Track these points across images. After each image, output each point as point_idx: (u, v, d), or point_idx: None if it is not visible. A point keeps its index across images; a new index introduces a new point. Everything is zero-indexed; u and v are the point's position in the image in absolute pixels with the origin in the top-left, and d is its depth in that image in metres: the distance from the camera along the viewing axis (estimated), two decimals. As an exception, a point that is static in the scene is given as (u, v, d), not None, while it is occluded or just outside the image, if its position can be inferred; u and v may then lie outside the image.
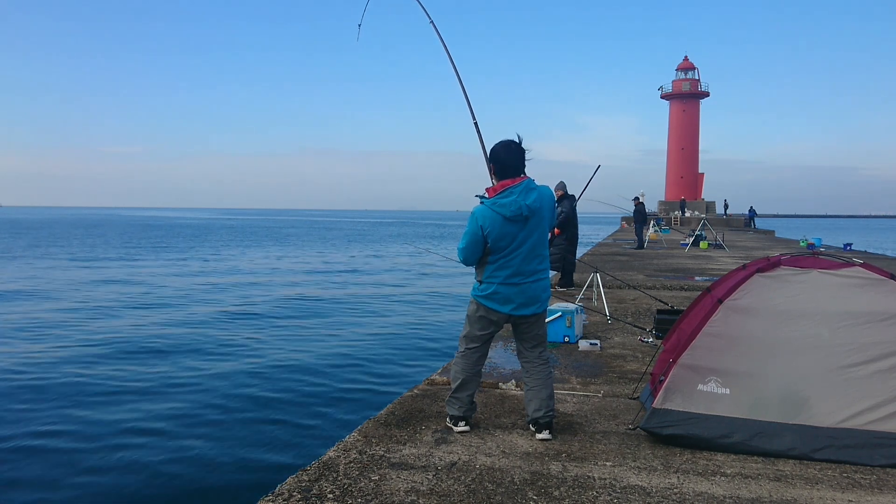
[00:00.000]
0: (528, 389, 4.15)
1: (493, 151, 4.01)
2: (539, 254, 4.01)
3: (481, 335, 4.12)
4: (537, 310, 4.06)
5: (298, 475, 3.47)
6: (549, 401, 4.09)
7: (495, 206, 3.87)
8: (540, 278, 4.04)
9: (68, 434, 7.25)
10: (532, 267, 3.98)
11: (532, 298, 4.00)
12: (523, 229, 3.90)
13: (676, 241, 29.00)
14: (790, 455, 3.70)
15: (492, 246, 3.93)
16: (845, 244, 27.00)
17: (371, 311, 16.49)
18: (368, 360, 10.96)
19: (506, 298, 3.98)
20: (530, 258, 3.96)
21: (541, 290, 4.05)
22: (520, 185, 3.89)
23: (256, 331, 13.49)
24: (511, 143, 3.98)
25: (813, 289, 4.02)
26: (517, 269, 3.94)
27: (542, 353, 4.19)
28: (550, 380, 4.15)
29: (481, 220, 3.88)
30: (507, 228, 3.87)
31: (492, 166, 4.04)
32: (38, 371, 9.94)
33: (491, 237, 3.88)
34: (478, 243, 3.92)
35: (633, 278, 13.28)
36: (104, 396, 8.63)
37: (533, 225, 3.92)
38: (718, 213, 58.68)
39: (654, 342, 6.84)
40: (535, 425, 4.11)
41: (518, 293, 3.97)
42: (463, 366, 4.14)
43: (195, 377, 9.68)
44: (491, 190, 3.97)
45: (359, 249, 43.23)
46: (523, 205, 3.84)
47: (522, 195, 3.86)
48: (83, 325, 13.91)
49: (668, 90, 62.80)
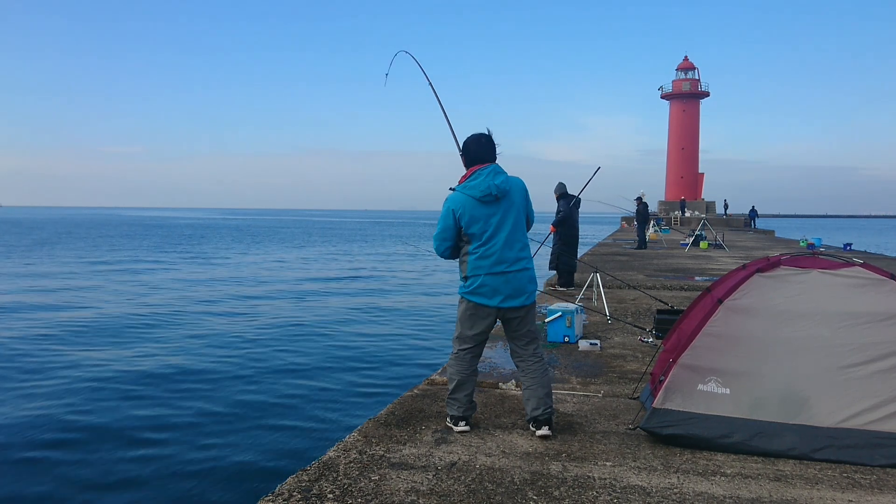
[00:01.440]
0: (526, 388, 4.15)
1: (464, 143, 4.16)
2: (519, 240, 4.06)
3: (473, 335, 4.12)
4: (525, 301, 4.08)
5: (298, 475, 3.47)
6: (548, 398, 4.10)
7: (465, 189, 4.00)
8: (525, 267, 4.08)
9: (69, 434, 7.25)
10: (514, 254, 4.02)
11: (518, 289, 4.03)
12: (496, 212, 3.98)
13: (676, 241, 29.01)
14: (790, 455, 3.70)
15: (466, 231, 4.00)
16: (845, 244, 26.99)
17: (371, 311, 16.50)
18: (368, 360, 10.97)
19: (493, 290, 4.00)
20: (511, 244, 4.01)
21: (527, 280, 4.08)
22: (487, 167, 4.03)
23: (256, 331, 13.49)
24: (481, 136, 4.12)
25: (813, 289, 4.02)
26: (499, 256, 3.98)
27: (537, 350, 4.20)
28: (547, 377, 4.15)
29: (453, 205, 4.01)
30: (479, 211, 3.96)
31: (464, 157, 4.19)
32: (36, 373, 9.94)
33: (464, 220, 3.98)
34: (449, 229, 4.03)
35: (633, 278, 13.28)
36: (105, 396, 8.64)
37: (505, 206, 4.01)
38: (718, 213, 58.66)
39: (654, 342, 6.84)
40: (534, 423, 4.11)
41: (504, 283, 3.99)
42: (457, 368, 4.16)
43: (195, 378, 9.69)
44: (462, 178, 4.10)
45: (359, 249, 43.24)
46: (492, 184, 3.95)
47: (490, 176, 3.98)
48: (83, 325, 13.92)
49: (668, 90, 62.78)
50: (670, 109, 63.24)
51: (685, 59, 63.17)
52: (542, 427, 4.06)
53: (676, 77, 63.04)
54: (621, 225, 53.03)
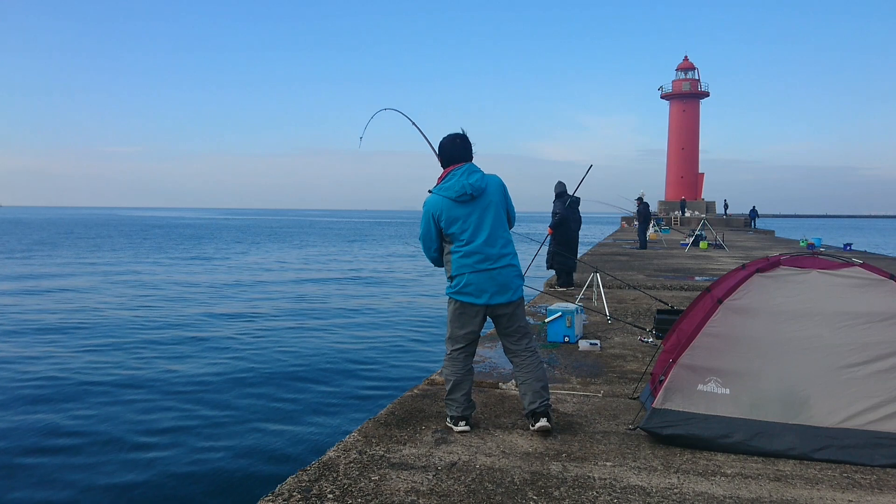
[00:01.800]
0: (521, 383, 4.16)
1: (439, 144, 4.19)
2: (501, 236, 4.07)
3: (463, 334, 4.13)
4: (512, 297, 4.09)
5: (298, 475, 3.47)
6: (544, 391, 4.11)
7: (441, 191, 4.04)
8: (509, 263, 4.09)
9: (69, 434, 7.25)
10: (497, 251, 4.03)
11: (504, 286, 4.04)
12: (473, 211, 4.00)
13: (676, 241, 29.01)
14: (790, 455, 3.70)
15: (446, 231, 4.03)
16: (845, 244, 26.98)
17: (371, 311, 16.50)
18: (368, 360, 10.97)
19: (479, 289, 4.02)
20: (492, 241, 4.02)
21: (512, 275, 4.09)
22: (461, 167, 4.06)
23: (256, 331, 13.49)
24: (456, 136, 4.15)
25: (813, 289, 4.02)
26: (483, 253, 4.00)
27: (529, 344, 4.21)
28: (542, 370, 4.16)
29: (431, 208, 4.06)
30: (457, 211, 3.99)
31: (440, 158, 4.21)
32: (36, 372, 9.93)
33: (443, 221, 4.02)
34: (431, 232, 4.09)
35: (633, 278, 13.28)
36: (104, 397, 8.64)
37: (483, 205, 4.02)
38: (718, 213, 58.66)
39: (654, 342, 6.84)
40: (532, 416, 4.11)
41: (489, 280, 4.01)
42: (452, 369, 4.17)
43: (195, 378, 9.68)
44: (438, 179, 4.13)
45: (358, 249, 43.23)
46: (466, 184, 3.98)
47: (464, 176, 4.01)
48: (82, 326, 13.91)
49: (668, 90, 62.78)
50: (670, 109, 63.24)
51: (685, 59, 63.19)
52: (540, 419, 4.05)
53: (676, 77, 63.05)
54: (621, 225, 53.01)
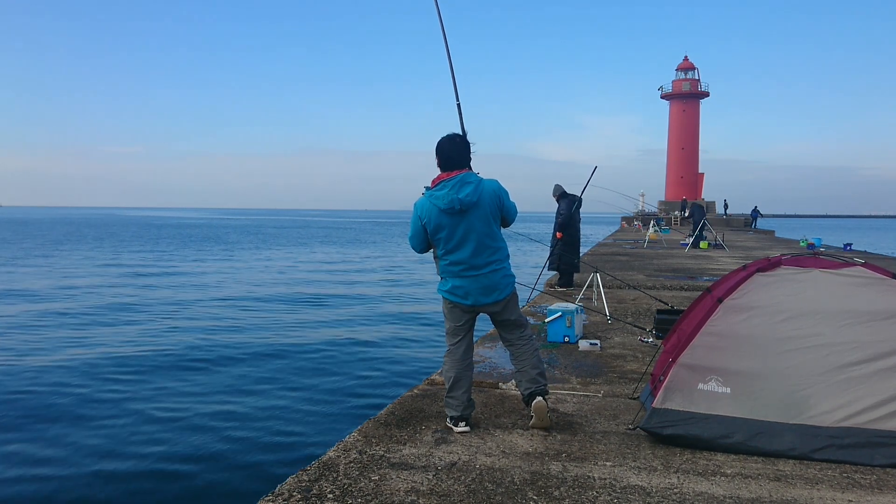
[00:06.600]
0: (517, 371, 4.20)
1: (438, 144, 4.10)
2: (489, 246, 4.04)
3: (458, 326, 4.18)
4: (499, 297, 4.09)
5: (298, 475, 3.47)
6: (540, 378, 4.13)
7: (432, 198, 4.01)
8: (495, 269, 4.07)
9: (70, 434, 7.25)
10: (483, 260, 4.02)
11: (489, 288, 4.05)
12: (461, 222, 3.96)
13: (676, 241, 28.99)
14: (790, 455, 3.69)
15: (433, 237, 4.04)
16: (845, 244, 26.95)
17: (371, 311, 16.50)
18: (368, 360, 10.97)
19: (464, 292, 4.05)
20: (480, 251, 4.00)
21: (499, 277, 4.08)
22: (454, 178, 3.97)
23: (256, 331, 13.49)
24: (455, 137, 4.09)
25: (814, 288, 4.02)
26: (468, 263, 4.00)
27: (524, 333, 4.24)
28: (537, 357, 4.18)
29: (420, 211, 4.05)
30: (444, 220, 3.97)
31: (437, 158, 4.12)
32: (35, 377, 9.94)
33: (429, 227, 4.01)
34: (419, 232, 4.08)
35: (633, 278, 13.28)
36: (105, 396, 8.64)
37: (473, 218, 3.97)
38: (718, 213, 58.63)
39: (654, 342, 6.84)
40: (529, 397, 4.12)
41: (473, 284, 4.02)
42: (451, 362, 4.19)
43: (195, 378, 9.68)
44: (433, 181, 4.09)
45: (358, 249, 43.22)
46: (455, 198, 3.92)
47: (455, 189, 3.94)
48: (82, 327, 13.91)
49: (668, 90, 62.74)
50: (670, 109, 63.21)
51: (685, 59, 63.15)
52: (536, 398, 4.06)
53: (676, 77, 63.00)
54: (621, 225, 52.98)
